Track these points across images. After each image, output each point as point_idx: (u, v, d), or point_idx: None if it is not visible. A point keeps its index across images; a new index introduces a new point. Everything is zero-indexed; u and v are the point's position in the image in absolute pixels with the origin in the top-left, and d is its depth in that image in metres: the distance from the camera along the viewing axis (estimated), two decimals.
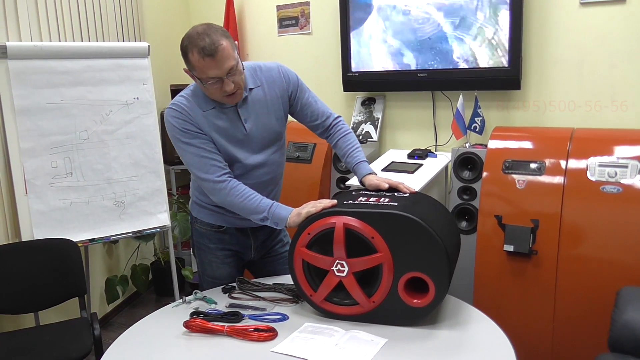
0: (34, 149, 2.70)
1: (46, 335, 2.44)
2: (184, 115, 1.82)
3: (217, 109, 1.86)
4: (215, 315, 1.71)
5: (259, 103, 1.92)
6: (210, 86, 1.75)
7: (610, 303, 2.08)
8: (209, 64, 1.70)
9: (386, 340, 1.55)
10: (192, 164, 1.85)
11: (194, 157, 1.83)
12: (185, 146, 1.84)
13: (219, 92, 1.77)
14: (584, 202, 2.43)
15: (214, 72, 1.71)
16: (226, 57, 1.71)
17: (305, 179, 3.32)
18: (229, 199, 1.84)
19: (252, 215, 1.84)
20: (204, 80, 1.75)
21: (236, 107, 1.87)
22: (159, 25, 4.02)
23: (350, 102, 3.69)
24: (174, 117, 1.83)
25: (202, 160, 1.83)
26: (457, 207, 2.96)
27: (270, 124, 1.95)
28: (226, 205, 1.88)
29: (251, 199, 1.82)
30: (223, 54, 1.70)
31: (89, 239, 2.87)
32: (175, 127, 1.83)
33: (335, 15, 3.50)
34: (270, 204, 1.82)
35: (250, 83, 1.90)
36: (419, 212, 1.61)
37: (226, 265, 2.11)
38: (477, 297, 2.66)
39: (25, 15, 2.80)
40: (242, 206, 1.83)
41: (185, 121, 1.82)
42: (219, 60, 1.70)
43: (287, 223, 1.78)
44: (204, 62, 1.70)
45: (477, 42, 3.06)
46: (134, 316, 3.63)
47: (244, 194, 1.83)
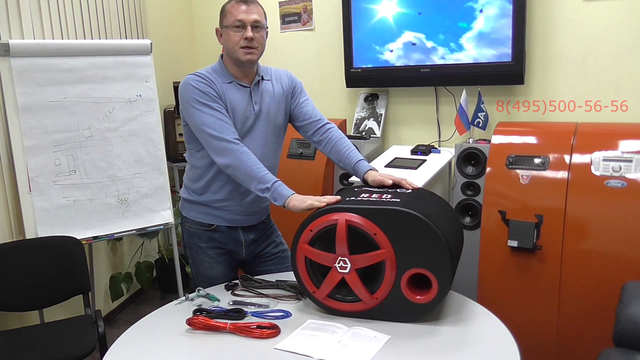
0: (37, 146, 2.71)
1: (51, 332, 2.45)
2: (207, 81, 1.94)
3: (234, 84, 1.99)
4: (218, 313, 1.71)
5: (267, 93, 2.05)
6: (234, 31, 1.93)
7: (614, 298, 2.08)
8: (241, 8, 1.93)
9: (389, 337, 1.55)
10: (208, 124, 1.90)
11: (211, 117, 1.90)
12: (204, 107, 1.91)
13: (240, 39, 1.92)
14: (588, 197, 2.42)
15: (241, 16, 1.92)
16: (256, 11, 1.95)
17: (309, 176, 3.32)
18: (239, 160, 1.87)
19: (254, 182, 1.86)
20: (231, 25, 1.93)
21: (250, 89, 2.01)
22: (161, 22, 4.01)
23: (353, 98, 3.68)
24: (197, 81, 1.93)
25: (219, 122, 1.90)
26: (460, 203, 2.95)
27: (274, 114, 2.06)
28: (233, 166, 1.88)
29: (259, 167, 1.87)
30: (255, 7, 1.96)
31: (92, 236, 2.87)
32: (196, 89, 1.92)
33: (338, 11, 3.49)
34: (275, 179, 1.87)
35: (264, 74, 2.07)
36: (421, 209, 1.60)
37: (219, 265, 2.12)
38: (480, 293, 2.65)
39: (28, 13, 2.80)
40: (248, 170, 1.86)
41: (207, 85, 1.93)
42: (249, 9, 1.94)
43: (285, 202, 1.80)
44: (237, 6, 1.94)
45: (480, 37, 3.05)
46: (138, 313, 3.63)
47: (254, 160, 1.88)
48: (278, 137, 2.10)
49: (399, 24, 3.27)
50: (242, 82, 2.00)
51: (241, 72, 2.00)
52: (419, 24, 3.21)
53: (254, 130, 2.01)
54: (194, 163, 2.06)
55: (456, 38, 3.12)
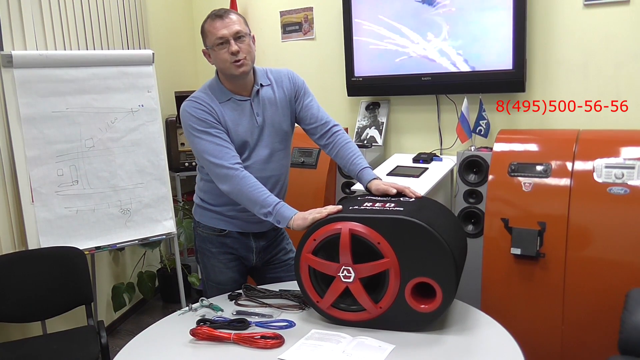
0: (40, 157, 2.71)
1: (53, 343, 2.44)
2: (203, 107, 1.91)
3: (233, 101, 1.96)
4: (222, 323, 1.70)
5: (269, 100, 2.02)
6: (219, 49, 1.89)
7: (619, 305, 2.07)
8: (218, 24, 1.88)
9: (394, 347, 1.54)
10: (207, 151, 1.90)
11: (210, 144, 1.89)
12: (202, 134, 1.90)
13: (227, 55, 1.88)
14: (591, 204, 2.42)
15: (221, 32, 1.87)
16: (234, 22, 1.90)
17: (311, 184, 3.32)
18: (238, 187, 1.87)
19: (256, 207, 1.86)
20: (214, 45, 1.90)
21: (250, 101, 1.97)
22: (163, 32, 4.03)
23: (355, 106, 3.68)
24: (193, 107, 1.92)
25: (218, 148, 1.89)
26: (463, 211, 2.95)
27: (279, 121, 2.04)
28: (234, 193, 1.89)
29: (260, 191, 1.86)
30: (232, 19, 1.90)
31: (95, 246, 2.87)
32: (194, 116, 1.90)
33: (339, 21, 3.51)
34: (277, 201, 1.85)
35: (262, 80, 2.02)
36: (425, 217, 1.60)
37: (229, 270, 2.11)
38: (484, 300, 2.65)
39: (31, 24, 2.81)
40: (249, 196, 1.86)
41: (204, 112, 1.91)
42: (226, 22, 1.89)
43: (289, 224, 1.79)
44: (214, 23, 1.89)
45: (481, 45, 3.06)
46: (141, 323, 3.62)
47: (254, 184, 1.87)
48: (285, 144, 2.09)
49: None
50: (240, 97, 1.97)
51: (238, 86, 1.97)
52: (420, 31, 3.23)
53: (261, 141, 2.00)
54: (204, 177, 2.07)
55: (458, 46, 3.13)
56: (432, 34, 3.19)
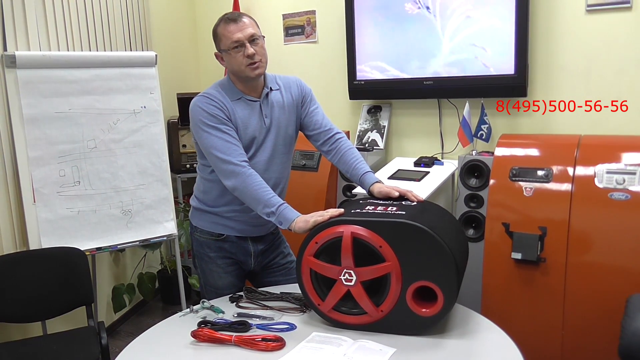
0: (42, 157, 2.72)
1: (53, 344, 2.44)
2: (216, 103, 1.93)
3: (243, 100, 1.99)
4: (223, 325, 1.71)
5: (277, 104, 2.05)
6: (235, 52, 1.91)
7: (619, 310, 2.07)
8: (232, 28, 1.91)
9: (395, 350, 1.54)
10: (216, 147, 1.91)
11: (219, 140, 1.91)
12: (212, 130, 1.91)
13: (243, 58, 1.91)
14: (592, 209, 2.42)
15: (237, 36, 1.90)
16: (248, 25, 1.93)
17: (312, 187, 3.32)
18: (244, 184, 1.87)
19: (260, 206, 1.86)
20: (229, 48, 1.92)
21: (260, 103, 2.00)
22: (166, 34, 4.04)
23: (357, 110, 3.69)
24: (205, 103, 1.93)
25: (226, 144, 1.90)
26: (464, 215, 2.95)
27: (285, 125, 2.06)
28: (239, 190, 1.89)
29: (265, 191, 1.87)
30: (245, 22, 1.93)
31: (96, 247, 2.88)
32: (205, 111, 1.92)
33: (341, 24, 3.51)
34: (281, 202, 1.86)
35: (271, 84, 2.05)
36: (427, 221, 1.61)
37: (228, 275, 2.12)
38: (485, 305, 2.65)
39: (34, 25, 2.82)
40: (254, 194, 1.86)
41: (216, 107, 1.92)
42: (240, 26, 1.92)
43: (291, 226, 1.80)
44: (228, 27, 1.92)
45: (483, 49, 3.06)
46: (141, 324, 3.62)
47: (259, 183, 1.88)
48: (289, 148, 2.10)
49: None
50: (251, 97, 2.00)
51: (249, 87, 2.00)
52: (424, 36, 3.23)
53: (266, 142, 2.01)
54: (204, 176, 2.08)
55: (460, 50, 3.14)
56: (433, 37, 3.20)
